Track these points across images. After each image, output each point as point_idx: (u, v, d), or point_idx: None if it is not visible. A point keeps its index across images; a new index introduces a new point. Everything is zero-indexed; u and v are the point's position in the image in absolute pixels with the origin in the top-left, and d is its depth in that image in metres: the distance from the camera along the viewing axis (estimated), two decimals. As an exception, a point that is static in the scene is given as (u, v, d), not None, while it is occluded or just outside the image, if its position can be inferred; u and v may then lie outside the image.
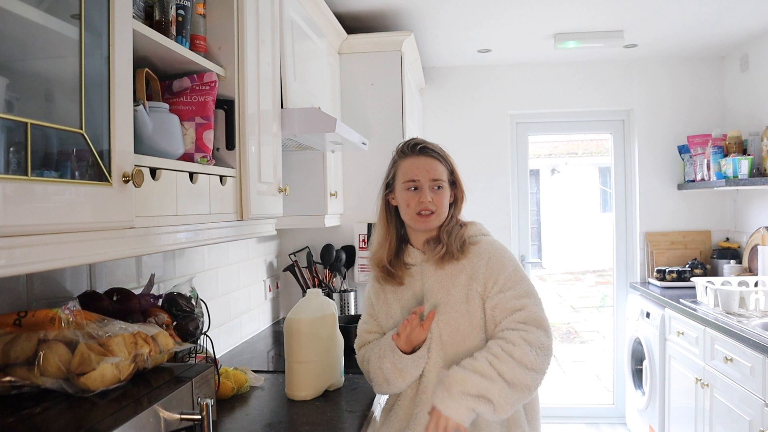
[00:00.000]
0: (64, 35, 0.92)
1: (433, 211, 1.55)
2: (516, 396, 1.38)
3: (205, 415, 1.06)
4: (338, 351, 1.76)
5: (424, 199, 1.54)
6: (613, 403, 4.10)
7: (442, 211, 1.57)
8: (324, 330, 1.69)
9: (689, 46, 3.56)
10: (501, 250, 1.56)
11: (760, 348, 2.20)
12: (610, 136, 4.07)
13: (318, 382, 1.70)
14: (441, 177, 1.56)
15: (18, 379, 0.99)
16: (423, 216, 1.56)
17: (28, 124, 0.80)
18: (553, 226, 11.71)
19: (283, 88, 1.92)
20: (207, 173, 1.38)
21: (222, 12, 1.51)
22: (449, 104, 3.97)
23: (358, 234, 2.92)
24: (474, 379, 1.38)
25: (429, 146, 1.60)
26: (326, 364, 1.71)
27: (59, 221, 0.86)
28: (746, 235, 3.53)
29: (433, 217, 1.56)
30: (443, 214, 1.57)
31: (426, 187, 1.55)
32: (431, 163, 1.56)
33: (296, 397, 1.68)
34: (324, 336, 1.69)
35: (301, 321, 1.66)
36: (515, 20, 3.06)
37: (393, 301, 1.62)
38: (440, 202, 1.56)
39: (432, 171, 1.56)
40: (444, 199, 1.57)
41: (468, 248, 1.56)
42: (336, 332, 1.75)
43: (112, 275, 1.60)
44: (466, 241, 1.57)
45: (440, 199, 1.56)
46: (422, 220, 1.56)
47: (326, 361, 1.71)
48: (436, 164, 1.57)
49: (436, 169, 1.56)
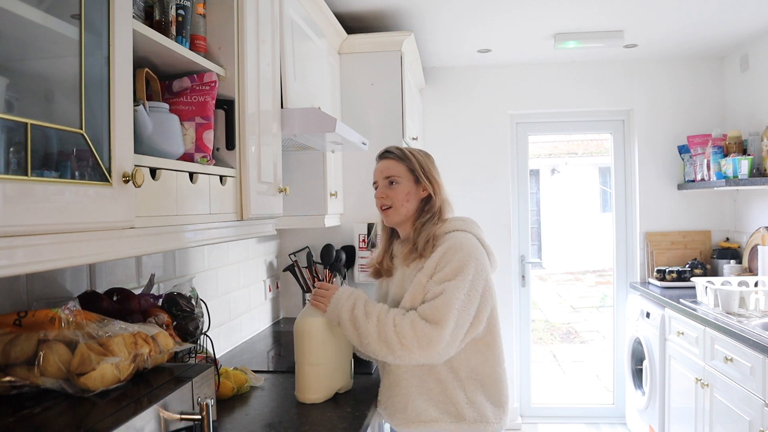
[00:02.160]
0: (64, 35, 0.92)
1: (389, 205, 1.70)
2: (377, 347, 1.54)
3: (205, 415, 1.06)
4: (349, 353, 1.72)
5: (378, 195, 1.73)
6: (613, 403, 4.10)
7: (399, 205, 1.69)
8: (334, 332, 1.65)
9: (689, 46, 3.56)
10: (458, 246, 1.59)
11: (760, 348, 2.20)
12: (610, 136, 4.07)
13: (329, 385, 1.67)
14: (393, 173, 1.70)
15: (18, 379, 0.99)
16: (383, 211, 1.73)
17: (28, 124, 0.80)
18: (553, 226, 11.71)
19: (283, 88, 1.92)
20: (207, 173, 1.38)
21: (222, 12, 1.51)
22: (449, 104, 3.97)
23: (358, 234, 2.92)
24: (360, 310, 1.58)
25: (390, 150, 1.75)
26: (337, 367, 1.68)
27: (59, 221, 0.86)
28: (746, 235, 3.53)
29: (391, 211, 1.70)
30: (401, 208, 1.69)
31: (381, 185, 1.73)
32: (387, 164, 1.73)
33: (307, 401, 1.65)
34: (335, 338, 1.66)
35: (314, 322, 1.63)
36: (515, 20, 3.06)
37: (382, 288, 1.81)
38: (394, 196, 1.69)
39: (386, 170, 1.72)
40: (397, 193, 1.69)
41: (434, 246, 1.63)
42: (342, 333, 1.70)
43: (112, 275, 1.60)
44: (432, 239, 1.64)
45: (393, 193, 1.69)
46: (383, 214, 1.74)
47: (337, 363, 1.68)
48: (391, 163, 1.72)
49: (390, 168, 1.72)
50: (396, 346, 1.52)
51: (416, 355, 1.52)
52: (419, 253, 1.63)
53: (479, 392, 1.60)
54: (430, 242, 1.63)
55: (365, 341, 1.56)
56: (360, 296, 1.62)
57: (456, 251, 1.58)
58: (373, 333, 1.54)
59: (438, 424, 1.57)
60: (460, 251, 1.58)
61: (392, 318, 1.54)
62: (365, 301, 1.62)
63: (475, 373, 1.61)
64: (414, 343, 1.50)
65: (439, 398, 1.59)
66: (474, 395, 1.59)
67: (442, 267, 1.57)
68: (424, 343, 1.50)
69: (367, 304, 1.60)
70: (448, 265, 1.57)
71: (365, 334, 1.56)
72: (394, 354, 1.53)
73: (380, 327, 1.54)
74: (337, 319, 1.61)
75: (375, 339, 1.54)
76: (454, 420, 1.57)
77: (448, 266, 1.57)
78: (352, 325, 1.58)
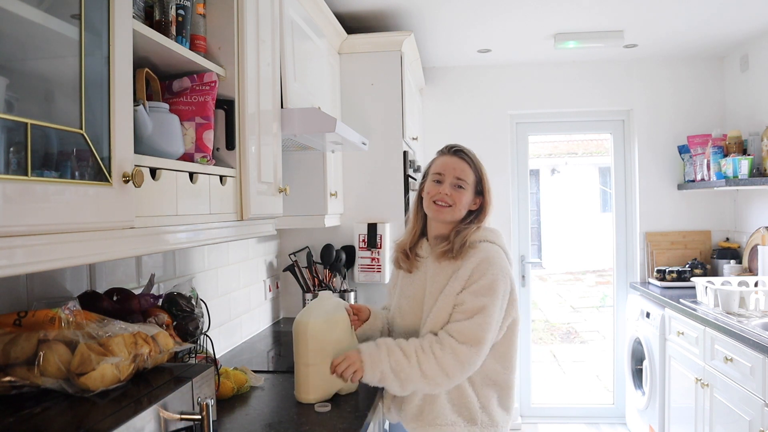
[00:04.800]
0: (64, 35, 0.92)
1: (449, 204, 1.66)
2: (422, 385, 1.54)
3: (205, 415, 1.06)
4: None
5: (442, 190, 1.67)
6: (613, 403, 4.10)
7: (458, 208, 1.66)
8: (333, 333, 1.65)
9: (689, 46, 3.56)
10: (491, 261, 1.61)
11: (760, 348, 2.20)
12: (610, 136, 4.07)
13: (326, 386, 1.65)
14: (464, 177, 1.67)
15: (18, 379, 0.99)
16: (438, 206, 1.67)
17: (28, 124, 0.80)
18: (553, 226, 11.71)
19: (283, 88, 1.92)
20: (207, 173, 1.38)
21: (222, 12, 1.51)
22: (449, 104, 3.97)
23: (358, 234, 2.92)
24: (398, 356, 1.54)
25: (463, 149, 1.72)
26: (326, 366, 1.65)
27: (59, 221, 0.86)
28: (746, 235, 3.53)
29: (448, 210, 1.66)
30: (458, 212, 1.67)
31: (448, 182, 1.67)
32: (459, 163, 1.68)
33: (303, 400, 1.65)
34: (333, 339, 1.64)
35: (309, 323, 1.63)
36: (515, 20, 3.06)
37: (399, 284, 1.79)
38: (458, 199, 1.66)
39: (458, 170, 1.67)
40: (462, 197, 1.67)
41: (467, 251, 1.63)
42: (348, 336, 1.70)
43: (112, 275, 1.60)
44: (467, 243, 1.64)
45: (459, 196, 1.66)
46: (436, 209, 1.68)
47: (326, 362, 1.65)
48: (464, 165, 1.68)
49: (463, 170, 1.67)
50: (441, 379, 1.53)
51: (458, 379, 1.56)
52: (454, 254, 1.64)
53: (492, 398, 1.64)
54: (465, 246, 1.64)
55: (408, 385, 1.55)
56: (387, 341, 1.59)
57: (489, 265, 1.60)
58: (416, 374, 1.53)
59: (452, 427, 1.59)
60: (493, 266, 1.60)
61: (431, 351, 1.53)
62: (396, 343, 1.58)
63: (489, 380, 1.65)
64: (457, 369, 1.53)
65: (455, 402, 1.62)
66: (487, 401, 1.63)
67: (476, 279, 1.59)
68: (467, 366, 1.54)
69: (400, 345, 1.57)
70: (482, 278, 1.59)
71: (408, 378, 1.54)
72: (438, 386, 1.56)
73: (422, 366, 1.53)
74: (380, 375, 1.55)
75: (419, 378, 1.53)
76: (468, 424, 1.61)
77: (482, 280, 1.58)
78: (394, 375, 1.54)
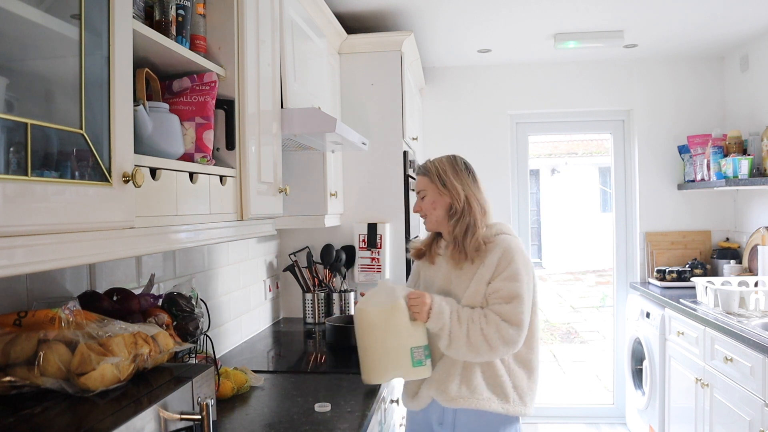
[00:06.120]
0: (64, 35, 0.91)
1: (424, 216, 1.89)
2: (463, 351, 1.71)
3: (205, 415, 1.06)
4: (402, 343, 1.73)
5: (414, 209, 1.93)
6: (613, 403, 4.10)
7: (430, 215, 1.87)
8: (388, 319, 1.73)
9: (689, 46, 3.56)
10: (514, 249, 1.78)
11: (760, 348, 2.20)
12: (610, 136, 4.07)
13: (380, 369, 1.75)
14: (421, 188, 1.89)
15: (18, 379, 0.99)
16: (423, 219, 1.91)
17: (28, 124, 0.80)
18: (553, 226, 11.71)
19: (283, 88, 1.92)
20: (207, 173, 1.38)
21: (222, 12, 1.51)
22: (449, 104, 3.97)
23: (358, 234, 2.92)
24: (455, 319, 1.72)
25: (422, 165, 1.92)
26: (385, 354, 1.74)
27: (59, 221, 0.86)
28: (746, 235, 3.53)
29: (426, 220, 1.89)
30: (431, 216, 1.87)
31: (418, 199, 1.91)
32: (419, 180, 1.90)
33: (365, 381, 1.77)
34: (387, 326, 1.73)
35: (362, 310, 1.77)
36: (515, 20, 3.06)
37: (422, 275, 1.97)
38: (424, 208, 1.88)
39: (419, 185, 1.90)
40: (425, 204, 1.87)
41: (484, 249, 1.78)
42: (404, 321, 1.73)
43: (112, 275, 1.60)
44: (482, 244, 1.79)
45: (423, 205, 1.88)
46: (423, 222, 1.92)
47: (383, 351, 1.74)
48: (419, 179, 1.90)
49: (418, 183, 1.90)
50: (483, 349, 1.69)
51: (499, 353, 1.71)
52: (470, 258, 1.78)
53: (522, 378, 1.79)
54: (481, 248, 1.78)
55: (454, 344, 1.71)
56: (452, 303, 1.75)
57: (513, 253, 1.76)
58: (462, 338, 1.70)
59: (488, 402, 1.74)
60: (517, 254, 1.76)
61: (479, 322, 1.70)
62: (458, 307, 1.74)
63: (519, 359, 1.80)
64: (500, 344, 1.69)
65: (489, 382, 1.76)
66: (518, 381, 1.78)
67: (505, 267, 1.74)
68: (510, 344, 1.70)
69: (459, 310, 1.73)
70: (509, 266, 1.74)
71: (455, 338, 1.71)
72: (479, 356, 1.71)
73: (470, 333, 1.69)
74: (438, 327, 1.71)
75: (463, 344, 1.70)
76: (501, 401, 1.75)
77: (510, 267, 1.74)
78: (447, 332, 1.71)
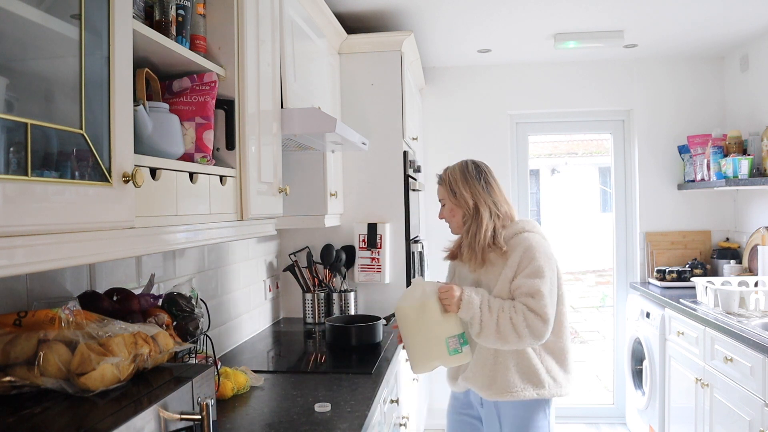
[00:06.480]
0: (64, 35, 0.91)
1: (448, 221, 2.02)
2: (492, 339, 1.80)
3: (205, 415, 1.06)
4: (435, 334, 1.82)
5: (439, 216, 2.06)
6: (613, 403, 4.10)
7: (451, 222, 2.01)
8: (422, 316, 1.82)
9: (689, 46, 3.56)
10: (534, 247, 1.85)
11: (760, 348, 2.20)
12: (610, 136, 4.07)
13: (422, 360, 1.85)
14: (440, 197, 2.03)
15: (18, 379, 0.99)
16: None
17: (28, 124, 0.80)
18: (553, 226, 11.69)
19: (283, 88, 1.92)
20: (207, 173, 1.38)
21: (222, 12, 1.51)
22: (449, 104, 3.97)
23: (358, 234, 2.92)
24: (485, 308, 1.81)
25: (438, 175, 2.04)
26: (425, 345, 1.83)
27: (59, 221, 0.86)
28: (746, 235, 3.53)
29: (450, 226, 2.03)
30: (452, 222, 2.00)
31: (441, 207, 2.04)
32: (438, 189, 2.04)
33: (413, 372, 1.90)
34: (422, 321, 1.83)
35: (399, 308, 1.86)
36: (515, 20, 3.06)
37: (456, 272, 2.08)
38: (445, 215, 2.02)
39: (439, 194, 2.04)
40: (445, 212, 2.01)
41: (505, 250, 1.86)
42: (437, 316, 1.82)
43: (112, 275, 1.60)
44: (494, 246, 1.87)
45: (444, 212, 2.02)
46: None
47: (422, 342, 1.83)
48: (438, 188, 2.03)
49: (439, 192, 2.04)
50: (512, 337, 1.78)
51: (526, 342, 1.80)
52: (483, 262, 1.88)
53: (554, 363, 1.90)
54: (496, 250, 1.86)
55: (485, 332, 1.81)
56: (484, 294, 1.85)
57: (535, 251, 1.84)
58: (492, 326, 1.79)
59: (523, 392, 1.85)
60: (538, 252, 1.84)
61: (508, 314, 1.79)
62: (488, 297, 1.84)
63: (547, 349, 1.90)
64: (527, 333, 1.78)
65: (523, 372, 1.86)
66: (550, 365, 1.89)
67: (526, 265, 1.83)
68: (536, 335, 1.79)
69: (490, 301, 1.83)
70: (530, 264, 1.83)
71: (486, 326, 1.80)
72: (508, 344, 1.80)
73: (499, 322, 1.79)
74: (470, 317, 1.81)
75: (493, 332, 1.79)
76: (536, 388, 1.86)
77: (531, 265, 1.83)
78: (478, 321, 1.81)
